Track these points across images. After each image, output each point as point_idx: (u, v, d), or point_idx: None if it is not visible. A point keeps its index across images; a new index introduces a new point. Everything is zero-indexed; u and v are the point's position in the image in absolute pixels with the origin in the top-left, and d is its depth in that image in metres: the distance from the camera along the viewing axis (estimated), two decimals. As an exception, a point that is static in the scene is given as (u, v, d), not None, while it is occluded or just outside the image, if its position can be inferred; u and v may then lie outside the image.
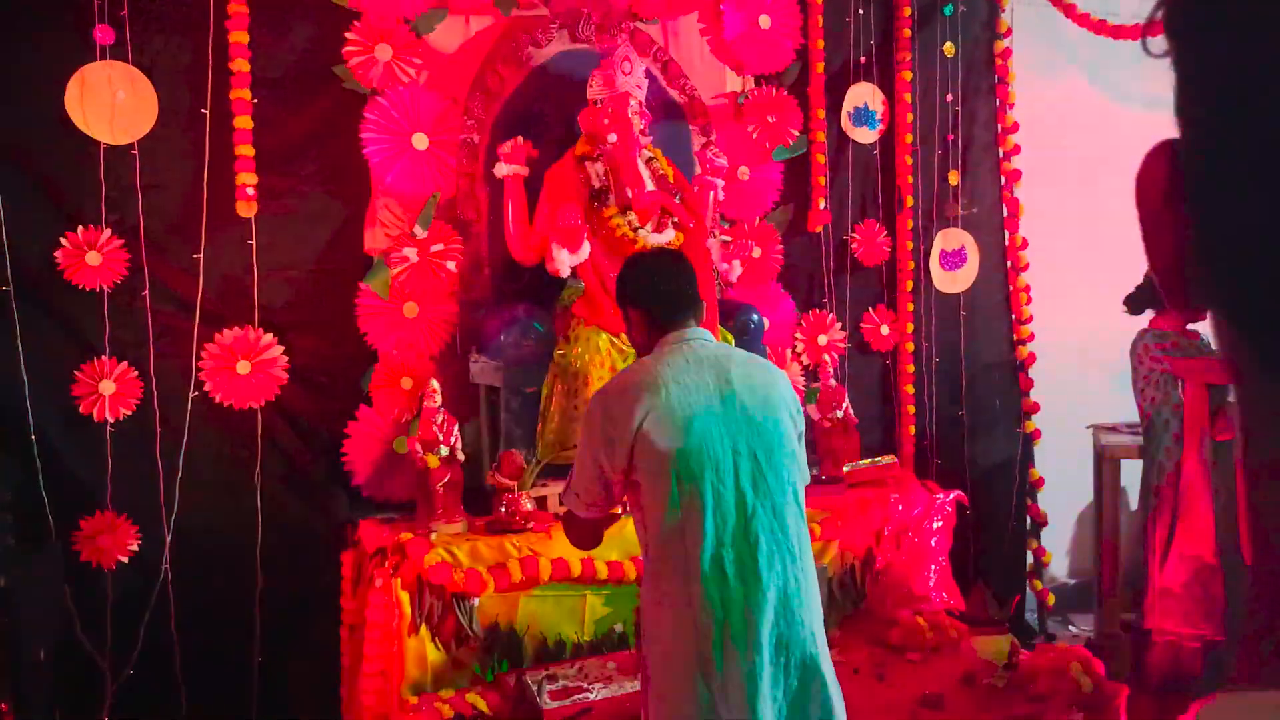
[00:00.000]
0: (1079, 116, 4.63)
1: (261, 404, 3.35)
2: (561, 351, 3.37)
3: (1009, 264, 4.49)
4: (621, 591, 3.17)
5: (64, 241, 3.11)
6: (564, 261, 3.33)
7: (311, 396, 3.44)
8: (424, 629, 3.00)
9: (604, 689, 2.90)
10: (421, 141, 3.43)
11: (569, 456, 3.10)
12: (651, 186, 3.45)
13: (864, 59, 4.19)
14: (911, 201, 4.29)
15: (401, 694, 2.97)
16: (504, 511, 3.18)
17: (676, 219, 3.50)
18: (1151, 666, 3.59)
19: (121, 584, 3.20)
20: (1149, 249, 0.63)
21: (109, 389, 3.17)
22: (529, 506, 3.20)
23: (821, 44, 4.09)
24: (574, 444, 3.17)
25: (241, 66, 3.24)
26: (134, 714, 3.19)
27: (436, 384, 3.28)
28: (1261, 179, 0.53)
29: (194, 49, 3.22)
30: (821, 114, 4.11)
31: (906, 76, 4.24)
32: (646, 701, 2.19)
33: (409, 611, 2.99)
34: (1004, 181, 4.46)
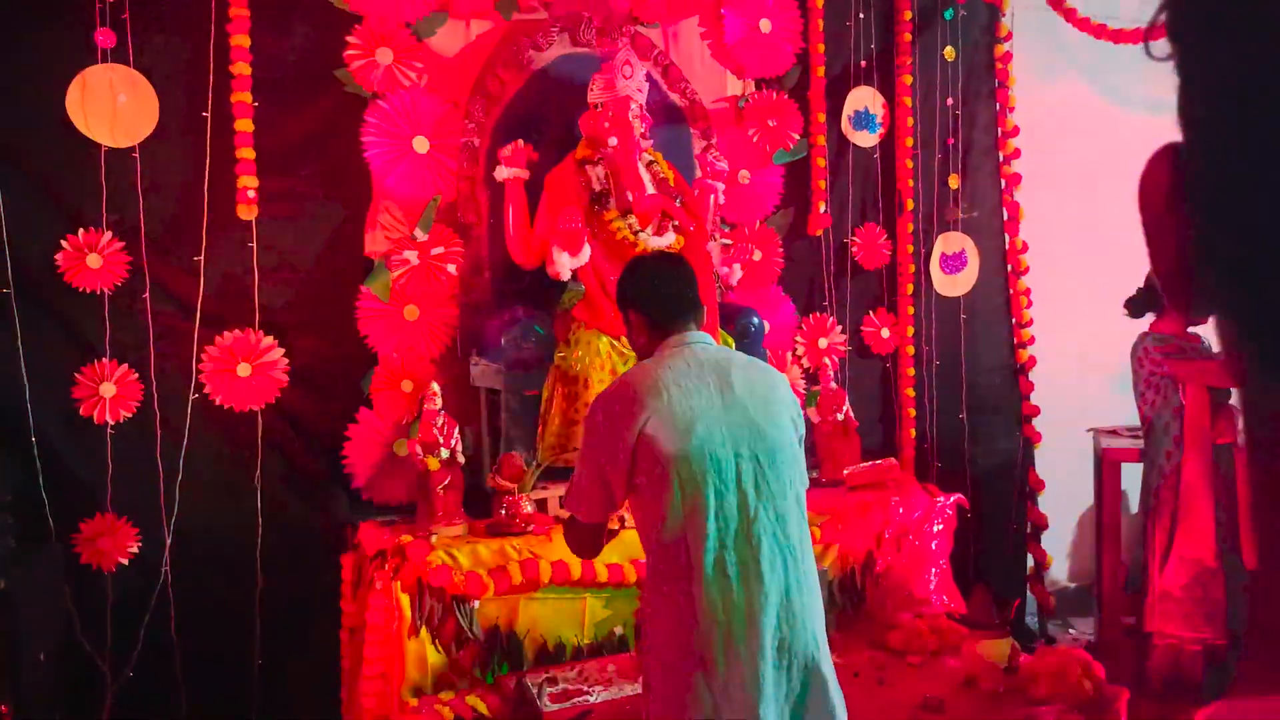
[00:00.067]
0: (1079, 120, 4.63)
1: (262, 406, 3.35)
2: (562, 354, 3.37)
3: (1009, 267, 4.49)
4: (621, 594, 3.17)
5: (65, 244, 3.12)
6: (564, 265, 3.33)
7: (312, 399, 3.44)
8: (424, 631, 3.00)
9: (604, 692, 2.90)
10: (422, 145, 3.43)
11: (569, 459, 3.11)
12: (652, 190, 3.46)
13: (864, 63, 4.20)
14: (912, 205, 4.29)
15: (401, 696, 2.97)
16: (504, 514, 3.18)
17: (677, 222, 3.50)
18: (1152, 669, 3.60)
19: (122, 586, 3.20)
20: (1152, 253, 0.63)
21: (109, 391, 3.17)
22: (529, 509, 3.20)
23: (822, 48, 4.10)
24: (574, 447, 3.18)
25: (242, 69, 3.25)
26: (134, 716, 3.19)
27: (437, 387, 3.28)
28: (1265, 182, 0.53)
29: (195, 52, 3.23)
30: (822, 118, 4.12)
31: (907, 80, 4.24)
32: (648, 705, 2.18)
33: (409, 614, 2.99)
34: (1004, 185, 4.46)
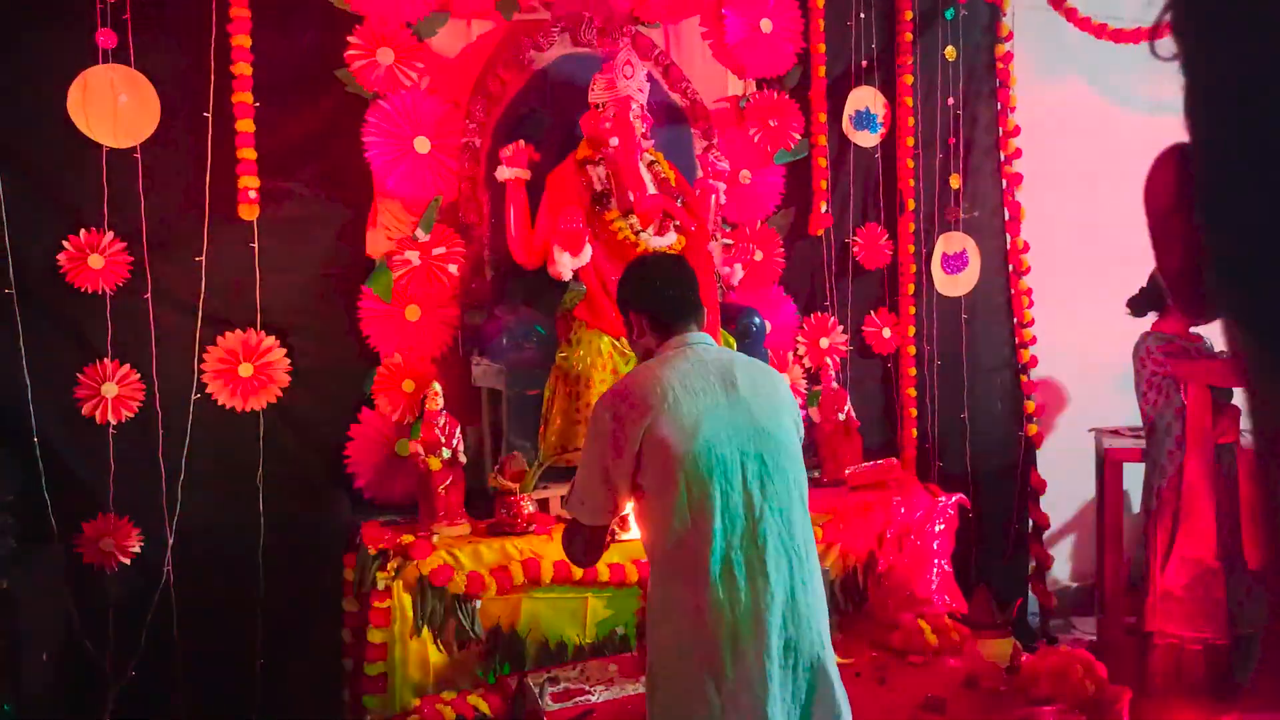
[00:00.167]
0: (1080, 120, 4.63)
1: (263, 406, 3.35)
2: (563, 354, 3.37)
3: (1010, 267, 4.49)
4: (623, 594, 3.18)
5: (66, 244, 3.12)
6: (565, 265, 3.33)
7: (314, 399, 3.44)
8: (426, 631, 3.00)
9: (606, 691, 2.90)
10: (423, 145, 3.43)
11: (571, 459, 3.11)
12: (653, 190, 3.46)
13: (865, 63, 4.20)
14: (913, 205, 4.29)
15: (403, 696, 2.98)
16: (506, 514, 3.18)
17: (678, 222, 3.51)
18: (1153, 669, 3.59)
19: (124, 586, 3.20)
20: (1158, 253, 0.63)
21: (111, 391, 3.17)
22: (530, 509, 3.20)
23: (823, 48, 4.10)
24: (576, 446, 3.18)
25: (243, 70, 3.25)
26: (136, 716, 3.19)
27: (438, 387, 3.28)
28: (1271, 182, 0.52)
29: (196, 52, 3.22)
30: (823, 118, 4.12)
31: (908, 80, 4.24)
32: (652, 707, 2.17)
33: (411, 614, 2.99)
34: (1005, 185, 4.46)
